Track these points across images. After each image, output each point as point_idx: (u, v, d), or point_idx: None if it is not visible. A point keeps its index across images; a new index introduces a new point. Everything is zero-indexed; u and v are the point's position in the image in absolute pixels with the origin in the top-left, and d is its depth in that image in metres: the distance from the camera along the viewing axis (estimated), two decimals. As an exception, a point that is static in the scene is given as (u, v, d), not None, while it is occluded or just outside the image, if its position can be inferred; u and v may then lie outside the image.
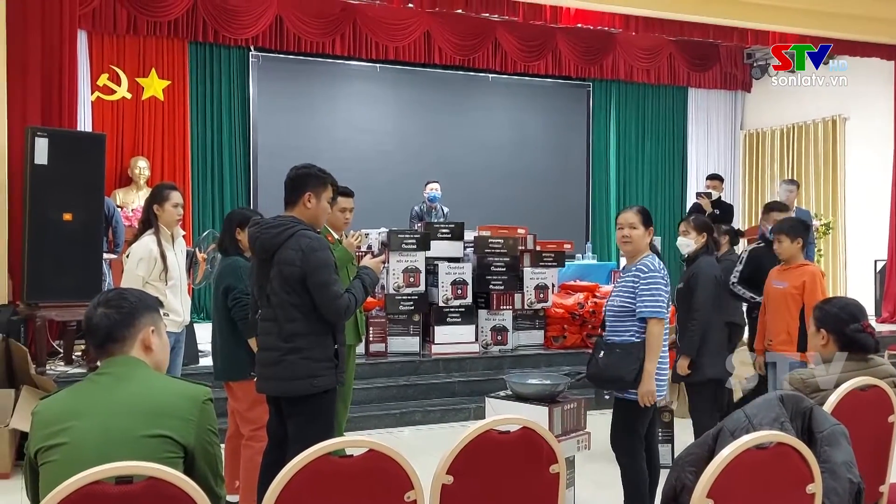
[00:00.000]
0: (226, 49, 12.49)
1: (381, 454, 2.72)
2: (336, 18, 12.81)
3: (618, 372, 4.65)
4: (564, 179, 15.18)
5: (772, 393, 3.30)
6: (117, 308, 2.76)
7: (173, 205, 5.80)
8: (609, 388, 4.83)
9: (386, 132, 13.74)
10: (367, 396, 8.35)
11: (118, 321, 2.74)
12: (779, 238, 6.25)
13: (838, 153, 14.51)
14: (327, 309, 4.27)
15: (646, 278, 4.66)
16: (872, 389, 3.66)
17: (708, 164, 15.91)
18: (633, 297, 4.68)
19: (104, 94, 11.50)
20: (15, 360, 7.07)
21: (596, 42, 14.64)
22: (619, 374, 4.65)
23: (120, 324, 2.74)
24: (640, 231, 4.78)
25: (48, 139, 7.47)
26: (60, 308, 7.65)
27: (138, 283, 5.54)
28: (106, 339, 2.73)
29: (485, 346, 9.41)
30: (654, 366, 4.61)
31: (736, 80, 16.23)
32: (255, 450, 5.03)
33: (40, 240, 7.49)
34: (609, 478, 6.46)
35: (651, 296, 4.62)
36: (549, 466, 3.06)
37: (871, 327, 3.94)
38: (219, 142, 12.50)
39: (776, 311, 6.30)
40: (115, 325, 2.74)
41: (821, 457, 3.04)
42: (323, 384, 4.32)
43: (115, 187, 11.25)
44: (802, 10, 10.74)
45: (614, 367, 4.67)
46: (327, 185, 4.51)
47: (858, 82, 13.69)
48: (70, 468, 2.36)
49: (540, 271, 9.80)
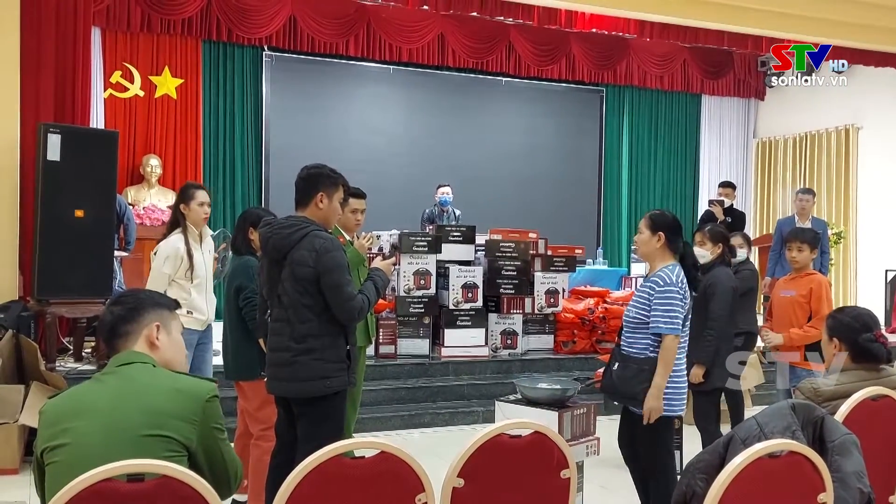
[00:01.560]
0: (239, 48, 12.50)
1: (392, 456, 2.72)
2: (350, 19, 12.81)
3: (632, 389, 4.55)
4: (576, 184, 15.16)
5: (784, 401, 3.29)
6: (123, 304, 2.83)
7: (199, 203, 5.82)
8: (623, 403, 4.77)
9: (398, 134, 13.74)
10: (376, 398, 8.33)
11: (122, 316, 2.79)
12: (800, 247, 6.22)
13: (851, 163, 14.46)
14: (340, 310, 4.26)
15: (660, 292, 4.50)
16: (884, 399, 3.65)
17: (720, 171, 15.87)
18: (647, 309, 4.55)
19: (117, 91, 11.52)
20: (25, 355, 7.09)
21: (610, 47, 14.62)
22: (632, 391, 4.55)
23: (123, 319, 2.79)
24: (644, 236, 4.68)
25: (61, 136, 7.48)
26: (71, 305, 7.66)
27: (164, 281, 5.59)
28: (112, 333, 2.78)
29: (494, 349, 9.40)
30: (663, 381, 4.46)
31: (749, 87, 16.19)
32: (264, 449, 5.03)
33: (52, 236, 7.50)
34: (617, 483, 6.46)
35: (665, 310, 4.47)
36: (561, 471, 3.05)
37: (884, 337, 3.93)
38: (231, 141, 12.51)
39: (782, 318, 6.28)
40: (119, 320, 2.79)
41: (831, 466, 3.03)
42: (335, 385, 4.31)
43: (126, 185, 11.25)
44: (817, 18, 10.71)
45: (628, 382, 4.57)
46: (338, 185, 4.50)
47: (873, 92, 13.66)
48: (73, 469, 2.36)
49: (551, 276, 9.79)
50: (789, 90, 15.49)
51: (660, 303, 4.49)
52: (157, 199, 11.13)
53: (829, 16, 10.81)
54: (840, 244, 13.75)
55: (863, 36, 11.40)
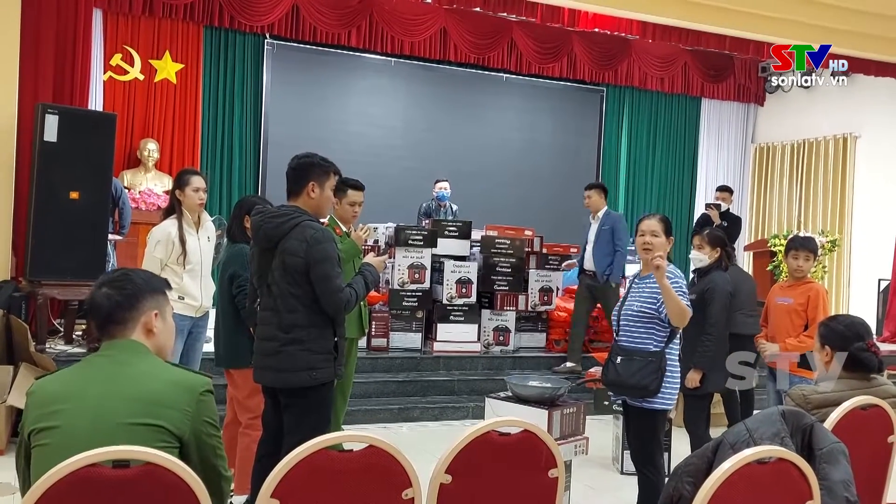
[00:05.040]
0: (241, 35, 12.44)
1: (380, 450, 2.71)
2: (353, 10, 12.78)
3: (641, 381, 4.58)
4: (574, 183, 15.02)
5: (773, 407, 3.29)
6: (120, 289, 2.72)
7: (194, 189, 5.81)
8: (630, 396, 4.76)
9: (397, 127, 13.71)
10: (367, 391, 8.33)
11: (120, 303, 2.70)
12: (808, 256, 6.26)
13: (847, 171, 14.46)
14: (327, 301, 4.25)
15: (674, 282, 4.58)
16: (873, 409, 3.65)
17: (718, 175, 15.87)
18: (655, 303, 4.63)
19: (117, 74, 11.46)
20: (15, 336, 7.07)
21: (611, 48, 14.60)
22: (642, 383, 4.58)
23: (122, 306, 2.70)
24: (661, 239, 4.73)
25: (58, 116, 7.46)
26: (63, 287, 7.64)
27: (156, 266, 5.59)
28: (107, 320, 2.70)
29: (486, 345, 9.40)
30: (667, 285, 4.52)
31: (749, 92, 16.18)
32: (252, 438, 5.03)
33: (46, 217, 7.48)
34: (604, 483, 6.48)
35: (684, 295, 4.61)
36: (549, 471, 3.04)
37: (876, 346, 3.92)
38: (230, 128, 12.46)
39: (778, 326, 6.30)
40: (117, 306, 2.70)
41: (819, 474, 3.03)
42: (321, 377, 4.29)
43: (123, 168, 11.19)
44: (819, 26, 10.71)
45: (636, 375, 4.60)
46: (330, 173, 4.47)
47: (871, 101, 13.66)
48: (61, 452, 2.34)
49: (545, 274, 9.80)
50: (789, 96, 15.51)
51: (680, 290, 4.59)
52: (153, 183, 11.09)
53: (830, 24, 10.81)
54: (834, 252, 13.74)
55: (863, 45, 11.41)
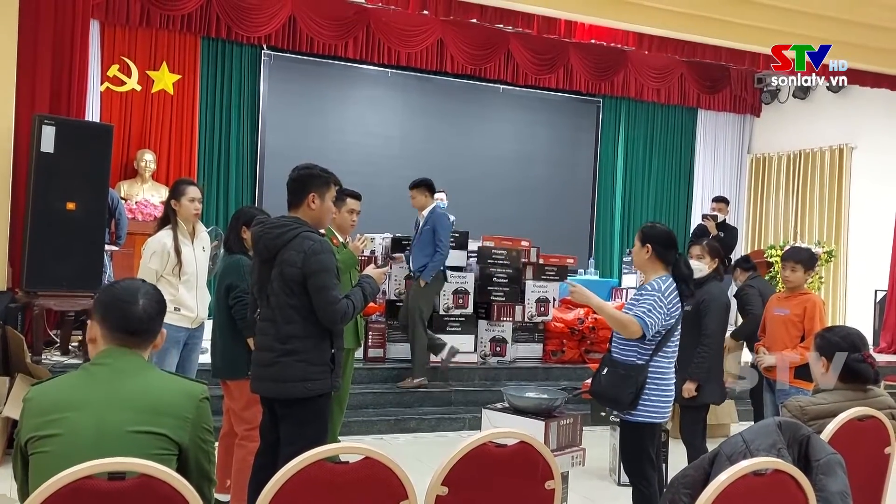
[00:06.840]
0: (238, 46, 12.48)
1: (376, 462, 2.71)
2: (350, 21, 12.81)
3: (616, 393, 4.61)
4: (570, 194, 15.17)
5: (770, 419, 3.29)
6: (158, 304, 2.78)
7: (190, 199, 5.79)
8: (608, 407, 4.81)
9: (394, 137, 13.73)
10: (363, 401, 8.31)
11: (155, 319, 2.75)
12: (794, 267, 6.28)
13: (843, 182, 14.50)
14: (324, 312, 4.23)
15: (641, 292, 4.63)
16: (870, 420, 3.66)
17: (714, 186, 15.91)
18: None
19: (114, 85, 11.47)
20: (11, 347, 7.05)
21: (608, 59, 14.64)
22: (616, 396, 4.62)
23: (157, 321, 2.76)
24: (636, 247, 4.80)
25: (55, 127, 7.45)
26: (59, 297, 7.61)
27: (151, 277, 5.55)
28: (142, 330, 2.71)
29: (483, 356, 9.39)
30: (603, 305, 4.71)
31: (745, 103, 16.24)
32: (249, 450, 5.01)
33: (42, 228, 7.46)
34: (601, 494, 6.47)
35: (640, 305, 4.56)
36: (545, 482, 3.04)
37: (872, 357, 3.93)
38: (227, 139, 12.48)
39: (775, 337, 6.32)
40: (153, 321, 2.74)
41: (816, 485, 3.03)
42: (317, 388, 4.28)
43: (120, 179, 11.21)
44: (815, 37, 10.72)
45: (613, 387, 4.63)
46: (330, 184, 4.47)
47: (867, 112, 13.69)
48: (64, 461, 2.34)
49: (542, 285, 9.80)
50: (785, 107, 15.56)
51: (640, 300, 4.59)
52: (149, 194, 11.10)
53: (826, 35, 10.83)
54: (831, 263, 13.76)
55: (859, 56, 11.43)
